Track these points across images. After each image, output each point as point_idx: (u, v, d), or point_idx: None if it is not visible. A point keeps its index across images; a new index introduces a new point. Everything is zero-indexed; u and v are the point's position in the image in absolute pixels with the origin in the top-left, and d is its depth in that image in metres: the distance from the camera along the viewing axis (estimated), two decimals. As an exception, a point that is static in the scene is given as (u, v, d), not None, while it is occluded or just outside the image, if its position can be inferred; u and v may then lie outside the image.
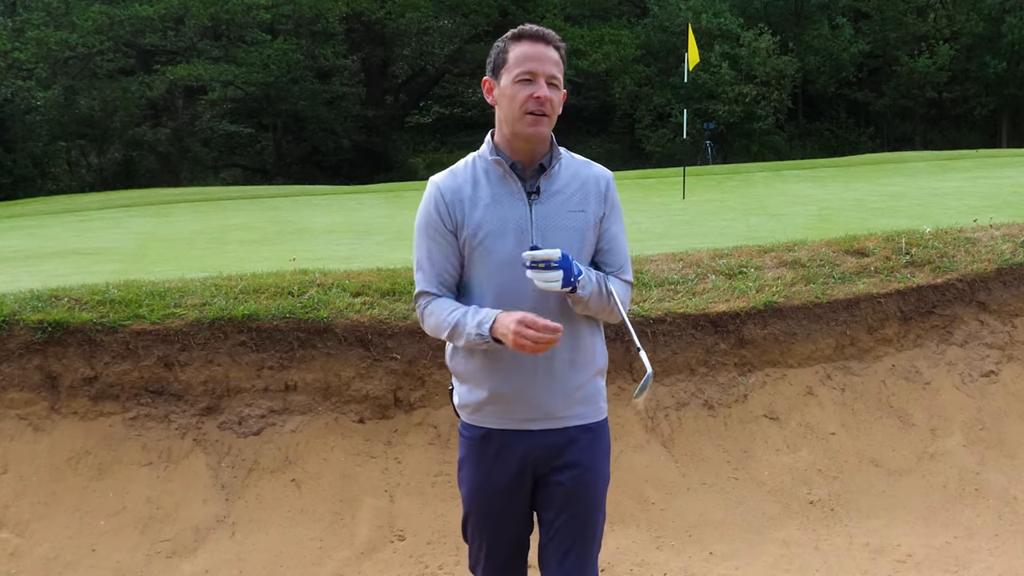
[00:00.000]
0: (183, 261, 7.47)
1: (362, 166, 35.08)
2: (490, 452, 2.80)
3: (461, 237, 2.74)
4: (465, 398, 2.83)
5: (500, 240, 2.70)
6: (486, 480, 2.82)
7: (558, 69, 2.70)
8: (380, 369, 4.76)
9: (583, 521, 2.83)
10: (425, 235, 2.78)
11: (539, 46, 2.68)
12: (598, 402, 2.86)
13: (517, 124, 2.69)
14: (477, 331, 2.64)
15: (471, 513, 2.90)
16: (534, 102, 2.66)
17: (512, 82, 2.68)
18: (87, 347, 4.61)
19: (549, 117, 2.69)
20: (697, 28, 29.71)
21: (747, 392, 5.06)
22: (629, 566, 4.37)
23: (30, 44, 30.03)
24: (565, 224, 2.74)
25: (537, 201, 2.73)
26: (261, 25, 34.45)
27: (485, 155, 2.79)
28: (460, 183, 2.77)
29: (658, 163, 28.93)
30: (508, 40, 2.73)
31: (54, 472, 4.46)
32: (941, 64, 34.81)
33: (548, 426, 2.77)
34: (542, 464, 2.79)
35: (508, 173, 2.74)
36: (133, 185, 28.96)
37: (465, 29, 36.99)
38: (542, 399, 2.74)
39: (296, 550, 4.36)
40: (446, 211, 2.74)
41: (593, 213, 2.78)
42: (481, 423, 2.81)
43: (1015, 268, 5.64)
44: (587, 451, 2.81)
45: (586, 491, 2.82)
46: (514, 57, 2.69)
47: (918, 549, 4.53)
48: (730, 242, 6.48)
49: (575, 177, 2.79)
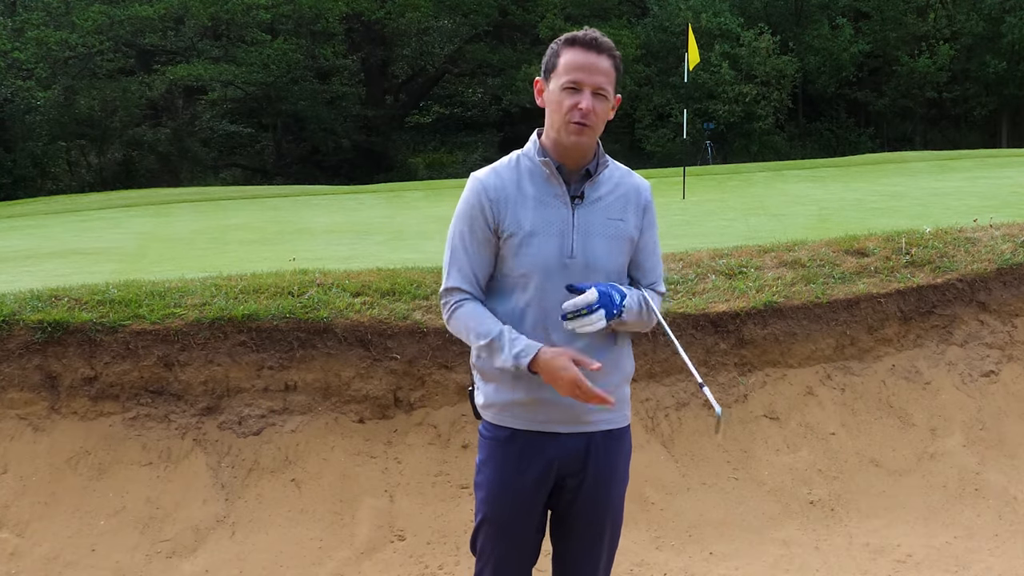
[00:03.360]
0: (183, 261, 7.47)
1: (362, 166, 35.10)
2: (514, 453, 2.75)
3: (502, 235, 2.70)
4: (491, 398, 2.77)
5: (541, 241, 2.67)
6: (510, 481, 2.76)
7: (607, 79, 2.66)
8: (380, 369, 4.76)
9: (601, 525, 2.82)
10: (463, 229, 2.73)
11: (590, 55, 2.64)
12: (623, 409, 2.84)
13: (560, 132, 2.67)
14: (515, 362, 2.62)
15: (489, 516, 2.81)
16: (577, 112, 2.63)
17: (559, 89, 2.65)
18: (87, 347, 4.61)
19: (592, 127, 2.66)
20: (697, 28, 29.70)
21: (747, 392, 5.06)
22: (629, 566, 4.37)
23: (30, 44, 30.04)
24: (605, 231, 2.72)
25: (580, 206, 2.71)
26: (261, 25, 34.48)
27: (531, 155, 2.75)
28: (504, 181, 2.72)
29: (658, 163, 28.95)
30: (561, 44, 2.70)
31: (54, 472, 4.45)
32: (941, 64, 34.82)
33: (574, 430, 2.75)
34: (565, 467, 2.76)
35: (554, 175, 2.71)
36: (133, 185, 28.99)
37: (465, 29, 36.99)
38: (570, 403, 2.68)
39: (296, 550, 4.36)
40: (489, 207, 2.69)
41: (632, 223, 2.77)
42: (507, 423, 2.76)
43: (1015, 268, 5.64)
44: (610, 456, 2.80)
45: (607, 495, 2.81)
46: (564, 63, 2.65)
47: (918, 549, 4.53)
48: (730, 242, 6.48)
49: (618, 186, 2.78)
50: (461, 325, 2.72)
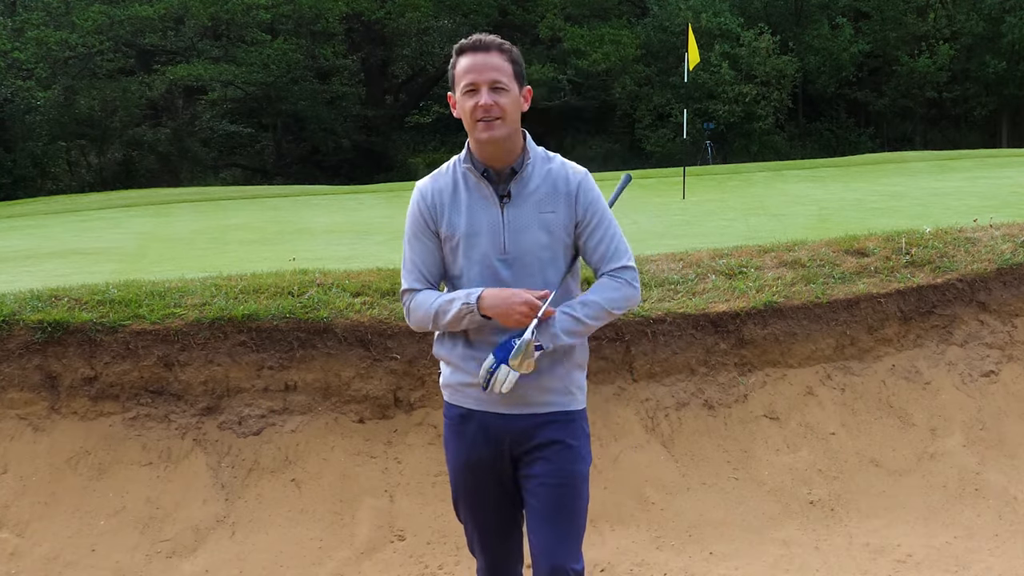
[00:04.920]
0: (183, 261, 7.47)
1: (362, 166, 35.09)
2: (469, 431, 2.94)
3: (442, 237, 2.89)
4: (448, 379, 2.97)
5: (476, 241, 2.84)
6: (466, 458, 2.96)
7: (501, 72, 2.79)
8: (380, 369, 4.76)
9: (563, 495, 2.90)
10: (410, 236, 2.94)
11: (478, 56, 2.80)
12: (574, 393, 2.97)
13: (473, 133, 2.83)
14: (465, 299, 2.79)
15: (457, 491, 3.04)
16: (480, 110, 2.78)
17: (461, 95, 2.82)
18: (87, 347, 4.61)
19: (502, 119, 2.79)
20: (697, 28, 29.70)
21: (747, 392, 5.06)
22: (629, 566, 4.37)
23: (30, 44, 30.02)
24: (535, 225, 2.86)
25: (508, 204, 2.86)
26: (261, 25, 34.46)
27: (463, 161, 2.92)
28: (441, 186, 2.92)
29: (658, 163, 28.94)
30: (454, 55, 2.85)
31: (54, 472, 4.46)
32: (941, 64, 34.82)
33: (523, 411, 2.90)
34: (518, 444, 2.91)
35: (479, 178, 2.87)
36: (133, 185, 28.97)
37: (465, 29, 36.87)
38: (518, 387, 2.83)
39: (296, 550, 4.36)
40: (428, 212, 2.90)
41: (564, 214, 2.88)
42: (461, 403, 2.95)
43: (1015, 268, 5.64)
44: (563, 431, 2.92)
45: (566, 466, 2.90)
46: (459, 71, 2.82)
47: (918, 549, 4.53)
48: (730, 242, 6.48)
49: (547, 178, 2.90)
50: (421, 311, 2.90)
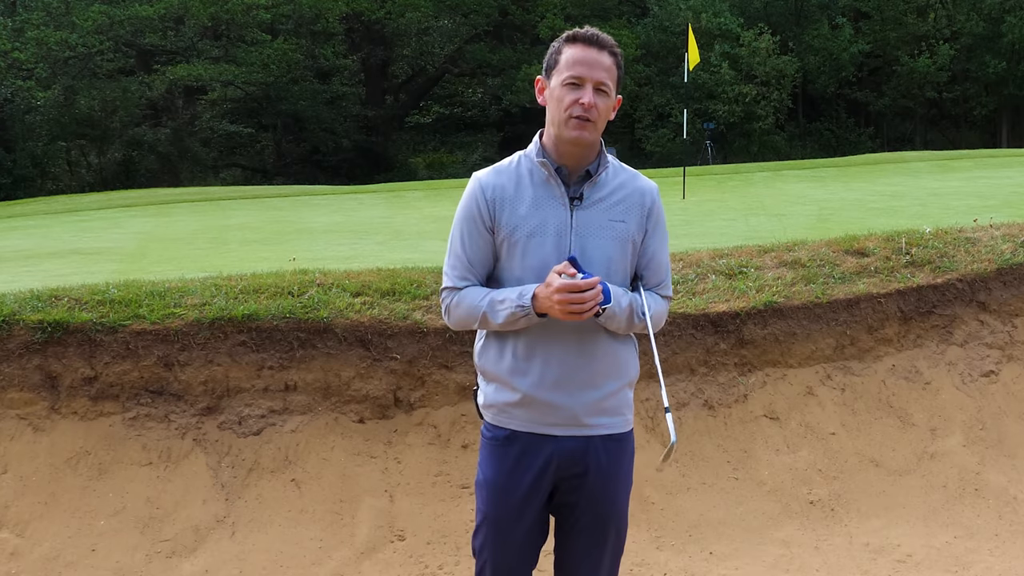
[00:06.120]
0: (183, 261, 7.47)
1: (362, 166, 35.10)
2: (512, 454, 2.76)
3: (499, 236, 2.72)
4: (492, 398, 2.79)
5: (537, 242, 2.69)
6: (507, 482, 2.77)
7: (609, 75, 2.66)
8: (380, 369, 4.76)
9: (603, 528, 2.80)
10: (462, 228, 2.76)
11: (591, 51, 2.65)
12: (624, 413, 2.82)
13: (562, 128, 2.67)
14: (519, 301, 2.63)
15: (488, 517, 2.82)
16: (579, 107, 2.63)
17: (560, 85, 2.66)
18: (87, 347, 4.61)
19: (595, 123, 2.66)
20: (697, 28, 29.69)
21: (747, 392, 5.06)
22: (629, 566, 4.37)
23: (30, 44, 30.01)
24: (605, 232, 2.71)
25: (579, 207, 2.71)
26: (261, 25, 34.45)
27: (531, 155, 2.76)
28: (503, 181, 2.74)
29: (658, 163, 28.95)
30: (562, 41, 2.70)
31: (54, 472, 4.46)
32: (941, 64, 34.81)
33: (573, 432, 2.74)
34: (564, 468, 2.75)
35: (552, 176, 2.72)
36: (133, 185, 28.97)
37: (465, 29, 36.98)
38: (570, 405, 2.71)
39: (296, 550, 4.36)
40: (486, 207, 2.72)
41: (635, 225, 2.75)
42: (506, 424, 2.77)
43: (1015, 268, 5.64)
44: (611, 457, 2.78)
45: (608, 497, 2.79)
46: (565, 60, 2.66)
47: (918, 549, 4.53)
48: (730, 242, 6.48)
49: (621, 187, 2.77)
50: (464, 307, 2.73)
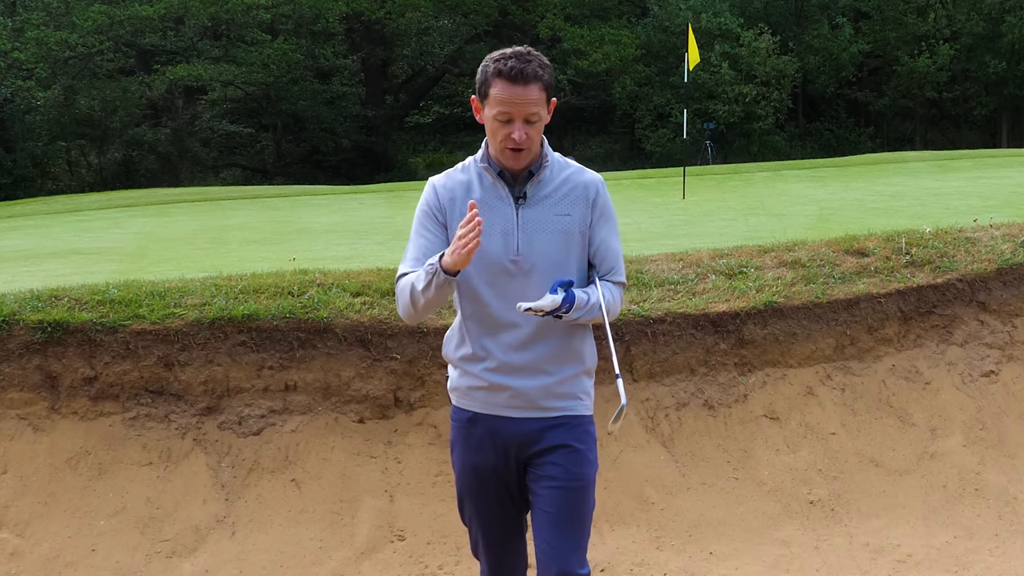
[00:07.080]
0: (183, 261, 7.47)
1: (362, 166, 35.07)
2: (476, 435, 2.96)
3: (451, 234, 2.89)
4: (456, 382, 3.01)
5: (487, 241, 2.82)
6: (472, 461, 2.98)
7: (538, 104, 2.80)
8: (380, 369, 4.76)
9: (570, 499, 2.90)
10: (417, 228, 2.97)
11: (517, 88, 2.77)
12: (581, 398, 2.98)
13: (499, 153, 2.87)
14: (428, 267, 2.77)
15: (463, 494, 3.05)
16: (511, 141, 2.80)
17: (492, 118, 2.82)
18: (87, 347, 4.61)
19: (528, 148, 2.83)
20: (697, 28, 29.68)
21: (747, 392, 5.07)
22: (629, 566, 4.37)
23: (30, 44, 29.98)
24: (551, 227, 2.88)
25: (524, 205, 2.89)
26: (261, 25, 34.42)
27: (479, 161, 2.95)
28: (455, 183, 2.95)
29: (658, 163, 28.94)
30: (490, 73, 2.80)
31: (54, 472, 4.46)
32: (941, 64, 34.78)
33: (529, 415, 2.92)
34: (524, 448, 2.93)
35: (496, 179, 2.91)
36: (133, 185, 28.95)
37: (465, 29, 36.96)
38: (525, 389, 2.88)
39: (296, 550, 4.36)
40: (438, 206, 2.93)
41: (579, 217, 2.91)
42: (468, 407, 2.98)
43: (1015, 268, 5.64)
44: (571, 434, 2.93)
45: (573, 469, 2.91)
46: (494, 95, 2.80)
47: (918, 549, 4.54)
48: (730, 242, 6.48)
49: (566, 182, 2.94)
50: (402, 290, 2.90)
